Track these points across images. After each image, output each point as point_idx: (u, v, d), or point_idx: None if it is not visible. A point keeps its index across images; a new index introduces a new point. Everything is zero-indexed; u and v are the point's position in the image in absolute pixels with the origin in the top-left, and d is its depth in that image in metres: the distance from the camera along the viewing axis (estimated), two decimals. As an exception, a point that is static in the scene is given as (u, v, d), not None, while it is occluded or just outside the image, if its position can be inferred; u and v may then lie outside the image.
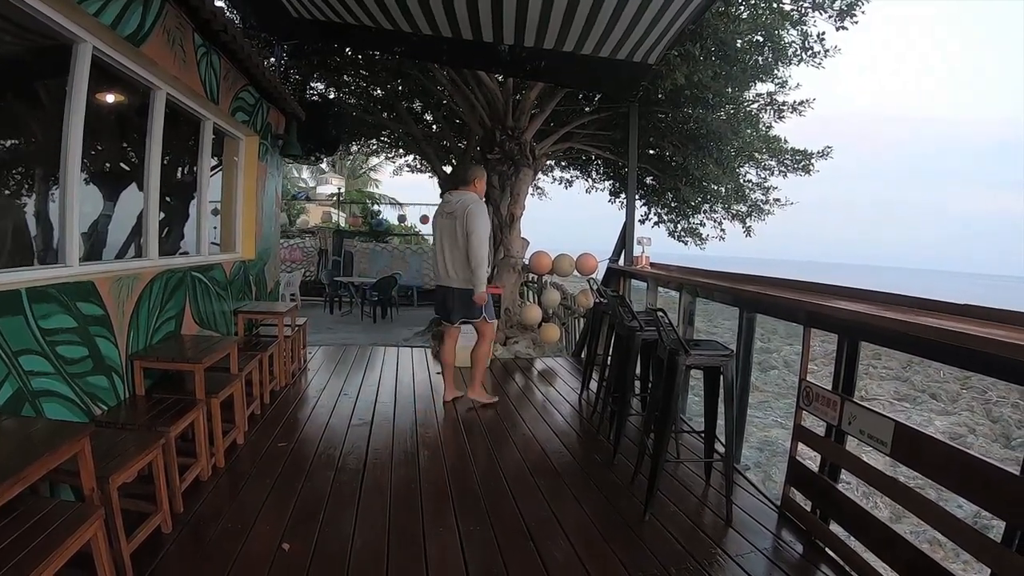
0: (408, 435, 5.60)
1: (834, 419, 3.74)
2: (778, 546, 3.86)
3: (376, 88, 13.38)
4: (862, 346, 3.82)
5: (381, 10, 6.82)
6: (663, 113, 11.06)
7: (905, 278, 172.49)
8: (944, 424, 15.51)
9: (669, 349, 4.18)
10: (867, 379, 18.66)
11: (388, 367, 8.29)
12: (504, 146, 10.11)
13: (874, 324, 3.40)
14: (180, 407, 4.08)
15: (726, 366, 4.15)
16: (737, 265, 9.58)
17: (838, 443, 3.81)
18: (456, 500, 4.26)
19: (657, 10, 6.10)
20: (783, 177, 12.63)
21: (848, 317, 3.61)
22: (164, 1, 4.61)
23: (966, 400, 17.13)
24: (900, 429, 3.22)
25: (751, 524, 4.12)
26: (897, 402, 17.35)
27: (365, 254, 18.71)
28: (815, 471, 4.03)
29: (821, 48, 10.44)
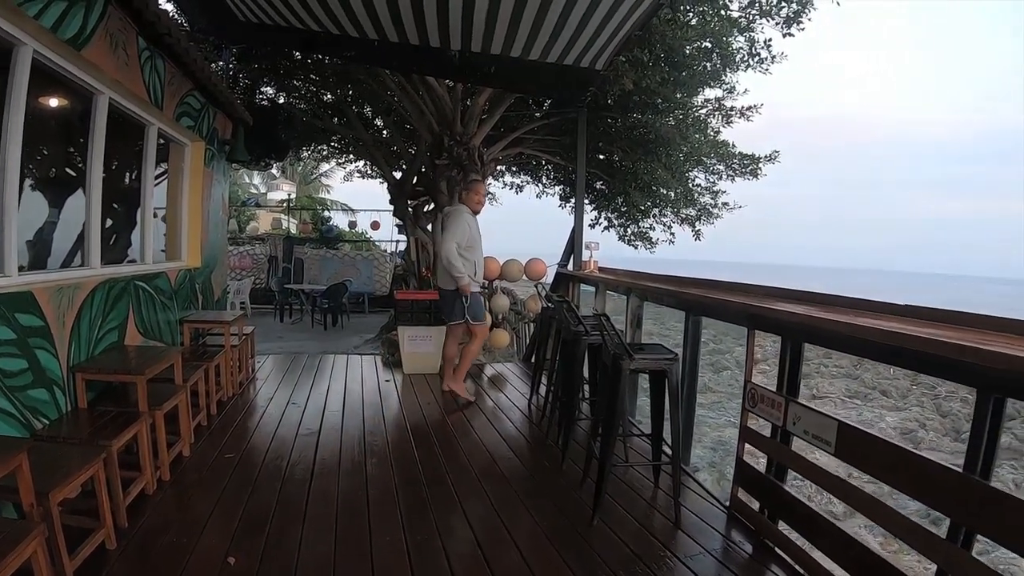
0: (356, 444, 5.55)
1: (779, 420, 3.79)
2: (727, 547, 3.89)
3: (326, 93, 13.30)
4: (814, 345, 3.88)
5: (327, 14, 6.78)
6: (612, 118, 11.16)
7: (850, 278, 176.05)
8: (895, 420, 15.88)
9: (613, 354, 4.20)
10: (818, 378, 18.98)
11: (337, 375, 8.21)
12: (452, 152, 10.14)
13: (816, 326, 3.45)
14: (123, 420, 3.99)
15: (671, 369, 4.16)
16: (691, 268, 9.68)
17: (784, 444, 3.86)
18: (404, 509, 4.22)
19: (603, 16, 6.15)
20: (731, 181, 12.83)
21: (791, 319, 3.67)
22: (107, 3, 4.52)
23: (916, 396, 17.49)
24: (844, 429, 3.28)
25: (700, 526, 4.15)
26: (848, 399, 17.70)
27: (315, 261, 18.52)
28: (762, 472, 4.08)
29: (768, 54, 10.65)
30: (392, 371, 8.53)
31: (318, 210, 26.31)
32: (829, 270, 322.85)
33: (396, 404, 7.01)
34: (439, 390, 7.41)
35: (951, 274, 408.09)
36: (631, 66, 9.06)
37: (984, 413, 2.62)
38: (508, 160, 14.77)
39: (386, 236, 21.89)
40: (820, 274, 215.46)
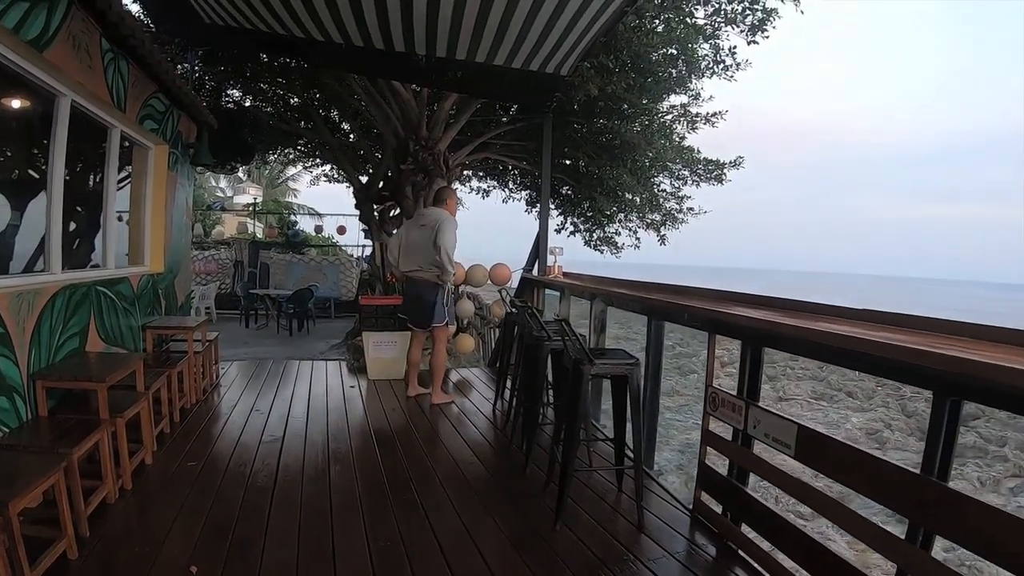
0: (320, 450, 5.51)
1: (740, 423, 3.83)
2: (691, 550, 3.92)
3: (292, 96, 13.21)
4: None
5: (292, 18, 6.74)
6: (578, 124, 11.20)
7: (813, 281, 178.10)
8: (861, 420, 16.07)
9: (574, 359, 4.22)
10: (785, 380, 19.12)
11: (302, 381, 8.15)
12: (417, 156, 10.11)
13: (773, 331, 3.50)
14: (84, 427, 3.94)
15: (632, 374, 4.18)
16: (658, 272, 9.76)
17: (745, 447, 3.90)
18: (367, 515, 4.20)
19: (567, 22, 6.17)
20: (696, 187, 12.94)
21: (749, 324, 3.70)
22: (70, 4, 4.47)
23: (881, 397, 17.68)
24: (803, 432, 3.32)
25: (664, 529, 4.18)
26: (815, 401, 17.87)
27: (281, 266, 18.38)
28: (724, 475, 4.12)
29: (733, 61, 10.77)
30: (357, 377, 8.49)
31: (284, 214, 26.15)
32: (793, 273, 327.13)
33: (361, 410, 6.97)
34: (404, 396, 7.40)
35: (915, 277, 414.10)
36: (596, 72, 9.11)
37: (941, 415, 2.67)
38: (474, 165, 14.79)
39: (353, 241, 21.83)
40: (785, 276, 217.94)
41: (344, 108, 13.36)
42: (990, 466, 12.87)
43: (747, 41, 10.42)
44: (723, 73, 10.84)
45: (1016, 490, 11.80)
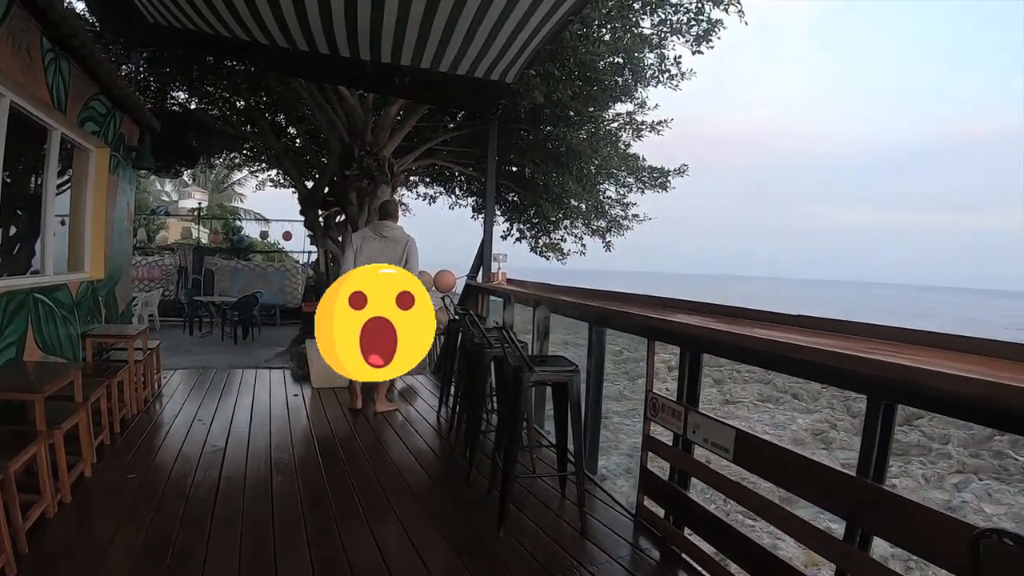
0: (262, 460, 5.45)
1: (680, 429, 3.88)
2: (635, 554, 3.95)
3: (238, 99, 13.05)
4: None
5: (236, 20, 6.66)
6: (525, 131, 11.27)
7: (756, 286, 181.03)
8: (807, 421, 16.26)
9: (514, 366, 4.23)
10: (731, 383, 19.30)
11: (245, 390, 8.05)
12: (362, 162, 10.05)
13: (710, 337, 3.54)
14: (21, 440, 3.85)
15: (571, 381, 4.21)
16: (605, 278, 9.85)
17: (686, 452, 3.94)
18: (309, 525, 4.17)
19: (512, 30, 6.19)
20: (641, 194, 13.08)
21: (687, 331, 3.76)
22: (11, 2, 4.39)
23: (827, 398, 17.95)
24: (741, 436, 3.37)
25: (607, 534, 4.20)
26: (761, 403, 18.07)
27: (226, 272, 18.00)
28: (666, 480, 4.16)
29: (678, 71, 10.93)
30: (301, 385, 8.41)
31: (229, 219, 25.83)
32: (735, 278, 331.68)
33: (304, 419, 6.93)
34: (348, 404, 7.36)
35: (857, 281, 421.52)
36: (542, 80, 9.17)
37: (875, 418, 2.72)
38: (421, 171, 14.75)
39: (299, 247, 21.62)
40: (727, 281, 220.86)
41: (290, 112, 13.24)
42: (934, 463, 13.17)
43: (692, 51, 10.60)
44: (668, 82, 11.00)
45: (960, 485, 12.09)
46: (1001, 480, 12.33)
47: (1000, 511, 11.02)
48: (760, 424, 16.12)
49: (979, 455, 13.33)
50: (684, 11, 10.32)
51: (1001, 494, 11.59)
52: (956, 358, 2.59)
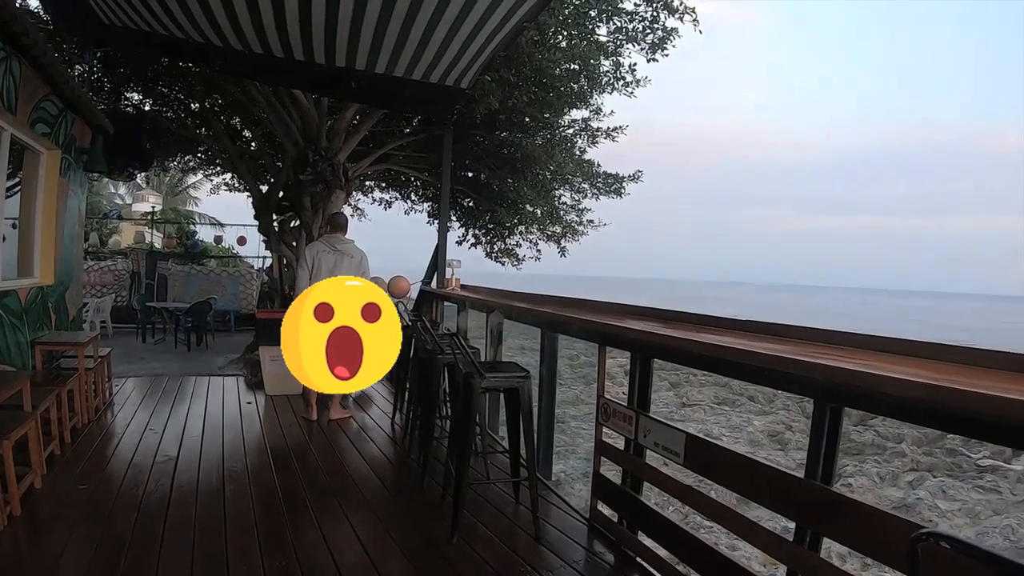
0: (215, 469, 5.39)
1: (631, 433, 3.91)
2: (589, 559, 3.98)
3: (193, 101, 12.86)
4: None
5: (190, 22, 6.59)
6: (480, 136, 11.28)
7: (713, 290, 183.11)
8: (762, 423, 16.50)
9: (465, 373, 4.24)
10: (687, 386, 19.41)
11: (199, 398, 7.95)
12: (317, 167, 9.95)
13: (659, 343, 3.58)
14: (-34, 451, 3.82)
15: (522, 387, 4.24)
16: (562, 284, 9.90)
17: (637, 456, 3.97)
18: (262, 534, 4.13)
19: (467, 36, 6.21)
20: (596, 199, 13.21)
21: (637, 336, 3.78)
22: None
23: (782, 400, 18.14)
24: (691, 440, 3.41)
25: (561, 539, 4.23)
26: (717, 406, 18.24)
27: (180, 277, 17.77)
28: (618, 484, 4.18)
29: (633, 78, 11.02)
30: (254, 393, 8.34)
31: (184, 223, 25.47)
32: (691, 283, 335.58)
33: (257, 427, 6.87)
34: (302, 411, 7.33)
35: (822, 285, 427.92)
36: (498, 85, 9.19)
37: (822, 422, 2.76)
38: (376, 176, 14.70)
39: (253, 252, 21.38)
40: (683, 287, 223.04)
41: (245, 115, 13.07)
42: (889, 462, 13.49)
43: (647, 59, 10.68)
44: (623, 89, 11.08)
45: (914, 483, 12.40)
46: (954, 477, 12.67)
47: (954, 507, 11.34)
48: (717, 427, 16.29)
49: (932, 453, 13.68)
50: (639, 19, 10.39)
51: (955, 491, 11.92)
52: (901, 362, 2.64)
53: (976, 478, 12.58)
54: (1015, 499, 11.70)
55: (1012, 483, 12.19)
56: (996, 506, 11.45)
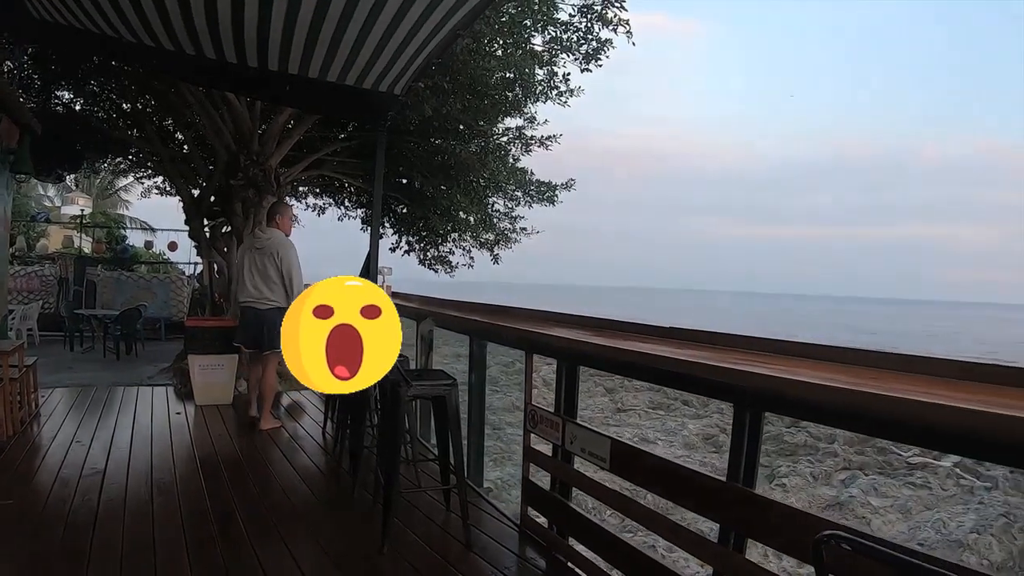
0: (143, 482, 5.29)
1: (558, 439, 3.96)
2: (521, 565, 4.02)
3: (125, 102, 12.55)
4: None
5: (123, 21, 6.49)
6: (414, 143, 11.27)
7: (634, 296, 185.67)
8: (697, 427, 16.79)
9: (391, 381, 4.23)
10: (623, 391, 19.56)
11: (127, 409, 7.79)
12: (248, 172, 9.82)
13: (584, 350, 3.65)
14: None
15: (449, 394, 4.27)
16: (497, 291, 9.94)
17: (565, 462, 4.02)
18: (191, 548, 4.07)
19: (400, 42, 6.21)
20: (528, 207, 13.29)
21: (563, 344, 3.85)
22: None
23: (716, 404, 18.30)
24: (616, 445, 3.47)
25: (493, 546, 4.25)
26: (652, 410, 18.44)
27: (109, 283, 17.27)
28: (547, 489, 4.24)
29: (567, 87, 11.12)
30: (184, 403, 8.19)
31: (113, 228, 24.91)
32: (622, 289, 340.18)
33: (187, 438, 6.75)
34: (232, 422, 7.23)
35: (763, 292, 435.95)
36: (432, 92, 9.20)
37: (742, 426, 2.82)
38: (310, 182, 14.57)
39: (184, 258, 21.00)
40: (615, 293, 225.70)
41: (178, 117, 12.81)
42: (821, 461, 13.85)
43: (581, 69, 10.80)
44: (557, 98, 11.18)
45: (847, 482, 12.76)
46: (886, 475, 13.09)
47: (887, 503, 11.73)
48: (652, 431, 16.49)
49: (864, 452, 14.07)
50: (574, 30, 10.50)
51: (887, 488, 12.34)
52: (819, 366, 2.72)
53: (907, 475, 13.00)
54: (945, 494, 12.15)
55: (942, 479, 12.64)
56: (927, 501, 11.87)
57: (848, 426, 2.68)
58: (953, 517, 10.91)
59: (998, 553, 9.65)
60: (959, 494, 12.15)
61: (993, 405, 1.86)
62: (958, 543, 9.84)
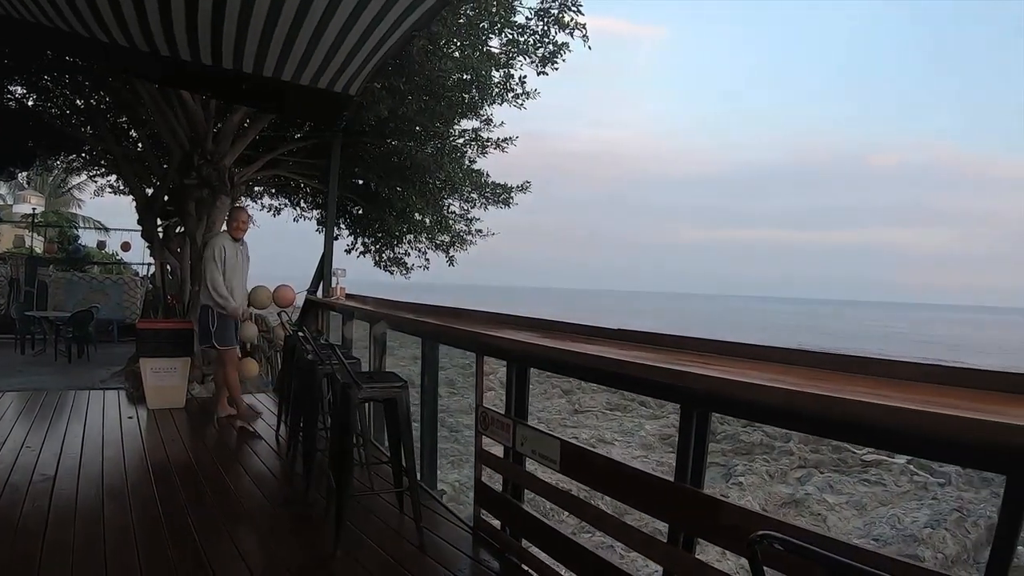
0: (94, 487, 5.19)
1: (509, 441, 3.97)
2: (474, 567, 4.02)
3: (78, 98, 12.31)
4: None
5: (75, 16, 6.37)
6: (370, 144, 11.24)
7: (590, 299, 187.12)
8: (654, 427, 16.97)
9: (342, 383, 4.24)
10: (580, 393, 19.66)
11: (78, 413, 7.63)
12: (202, 171, 9.68)
13: (535, 352, 3.64)
14: None
15: (400, 397, 4.27)
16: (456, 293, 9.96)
17: (517, 464, 4.03)
18: (143, 554, 4.00)
19: (355, 42, 6.19)
20: (484, 209, 13.38)
21: (513, 346, 3.84)
22: None
23: (672, 404, 18.38)
24: (566, 447, 3.49)
25: (447, 548, 4.24)
26: (610, 411, 18.60)
27: (61, 284, 16.84)
28: (500, 491, 4.24)
29: (523, 90, 11.23)
30: (136, 407, 8.04)
31: (66, 227, 24.49)
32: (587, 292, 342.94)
33: (139, 443, 6.64)
34: (185, 425, 7.15)
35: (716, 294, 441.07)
36: (388, 93, 9.20)
37: (688, 426, 2.86)
38: (265, 182, 14.46)
39: (138, 258, 20.70)
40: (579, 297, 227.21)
41: (132, 115, 12.58)
42: (777, 460, 14.08)
43: (537, 72, 10.87)
44: (513, 101, 11.25)
45: (803, 479, 13.01)
46: (841, 472, 13.41)
47: (842, 500, 12.00)
48: (610, 432, 16.60)
49: (819, 450, 14.38)
50: (531, 33, 10.57)
51: (842, 485, 12.64)
52: (766, 368, 2.76)
53: (862, 472, 13.33)
54: (899, 490, 12.46)
55: (896, 475, 12.96)
56: (882, 497, 12.17)
57: (793, 426, 2.72)
58: (908, 513, 11.17)
59: (952, 547, 9.89)
60: (913, 490, 12.46)
61: (934, 405, 1.90)
62: (913, 538, 10.08)
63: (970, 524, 10.38)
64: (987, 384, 2.21)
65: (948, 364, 2.46)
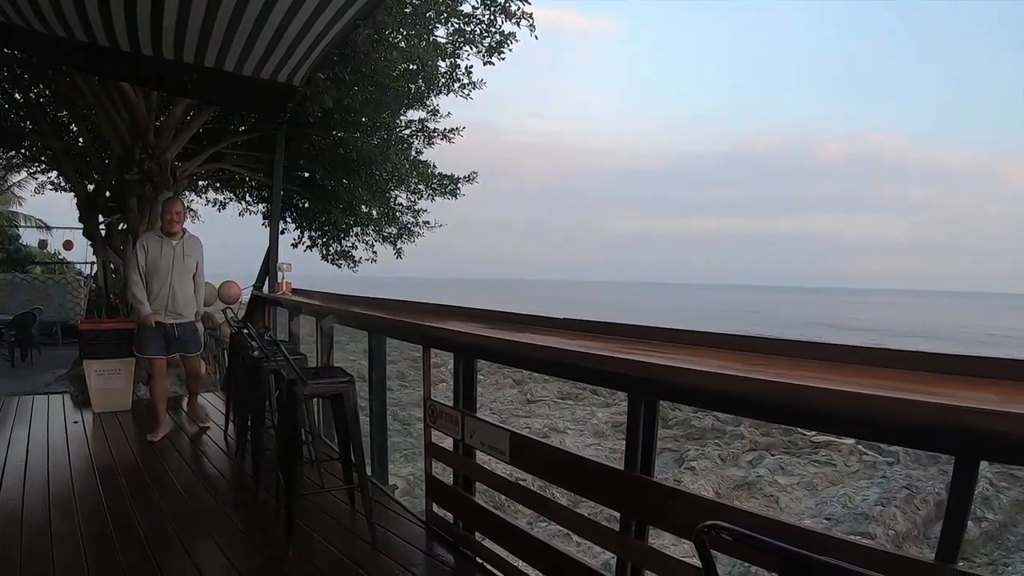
0: (40, 496, 5.02)
1: (458, 434, 3.94)
2: (428, 562, 3.98)
3: (17, 91, 11.89)
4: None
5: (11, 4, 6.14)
6: (316, 136, 11.12)
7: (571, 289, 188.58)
8: (606, 415, 17.10)
9: (288, 380, 4.17)
10: (532, 383, 19.75)
11: (22, 420, 7.39)
12: (143, 165, 9.47)
13: (481, 344, 3.66)
14: None
15: (346, 392, 4.21)
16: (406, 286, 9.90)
17: (467, 456, 4.01)
18: (91, 563, 3.89)
19: (298, 31, 6.10)
20: (431, 200, 13.32)
21: (460, 338, 3.82)
22: None
23: (623, 393, 18.57)
24: (515, 438, 3.47)
25: (400, 544, 4.20)
26: (562, 400, 18.70)
27: (2, 286, 16.42)
28: (451, 485, 4.21)
29: (469, 80, 11.23)
30: (81, 411, 7.80)
31: (5, 226, 23.93)
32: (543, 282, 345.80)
33: (84, 448, 6.44)
34: (131, 428, 6.97)
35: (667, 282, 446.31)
36: (333, 84, 9.09)
37: (637, 414, 2.85)
38: (209, 176, 14.22)
39: (81, 257, 20.29)
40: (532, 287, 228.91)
41: (72, 109, 12.26)
42: (729, 444, 14.33)
43: (484, 62, 10.85)
44: (460, 91, 11.22)
45: (754, 462, 13.29)
46: (792, 454, 13.68)
47: (793, 481, 12.25)
48: (562, 420, 16.70)
49: (770, 433, 14.67)
50: (477, 22, 10.55)
51: (792, 466, 12.90)
52: (714, 355, 2.77)
53: (812, 453, 13.61)
54: (849, 470, 12.76)
55: (845, 456, 13.25)
56: (832, 478, 12.44)
57: (740, 412, 2.72)
58: (858, 491, 11.44)
59: (903, 523, 10.11)
60: (862, 469, 12.76)
61: (880, 388, 1.93)
62: (864, 516, 10.30)
63: (919, 501, 10.62)
64: (933, 367, 2.25)
65: (892, 348, 2.49)
